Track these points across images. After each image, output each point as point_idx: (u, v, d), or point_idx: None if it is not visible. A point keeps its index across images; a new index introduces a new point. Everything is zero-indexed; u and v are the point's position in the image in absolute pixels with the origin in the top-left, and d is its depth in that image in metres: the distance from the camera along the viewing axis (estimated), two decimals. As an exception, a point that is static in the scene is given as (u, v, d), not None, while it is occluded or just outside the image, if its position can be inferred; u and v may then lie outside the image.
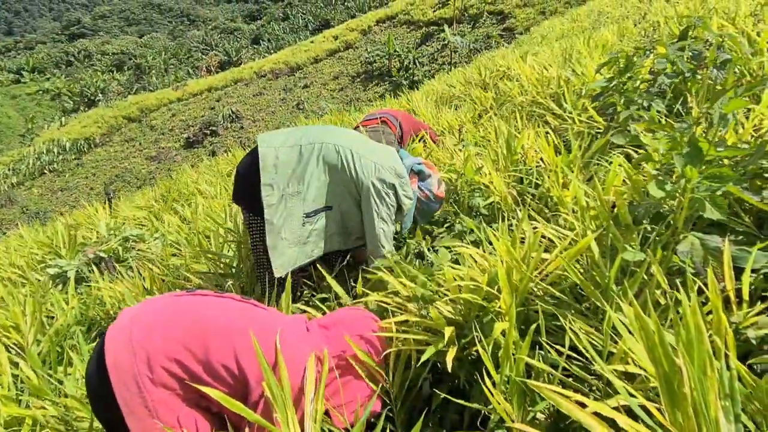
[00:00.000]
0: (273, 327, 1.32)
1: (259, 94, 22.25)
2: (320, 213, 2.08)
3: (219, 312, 1.32)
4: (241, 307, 1.38)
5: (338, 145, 2.04)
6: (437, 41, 20.51)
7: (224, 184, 5.47)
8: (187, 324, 1.25)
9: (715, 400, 0.84)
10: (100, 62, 49.81)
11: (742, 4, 3.48)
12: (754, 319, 1.16)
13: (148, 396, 1.17)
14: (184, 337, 1.22)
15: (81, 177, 18.72)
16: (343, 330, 1.48)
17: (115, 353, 1.19)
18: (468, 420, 1.49)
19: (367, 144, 2.15)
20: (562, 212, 1.85)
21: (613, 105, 2.55)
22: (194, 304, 1.34)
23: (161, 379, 1.18)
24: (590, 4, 11.54)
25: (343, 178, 2.04)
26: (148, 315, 1.28)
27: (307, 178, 2.03)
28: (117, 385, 1.16)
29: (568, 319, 1.30)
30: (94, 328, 2.55)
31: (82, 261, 3.37)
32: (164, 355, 1.20)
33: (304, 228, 2.06)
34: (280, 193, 2.02)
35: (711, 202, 1.21)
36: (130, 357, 1.18)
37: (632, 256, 1.32)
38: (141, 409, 1.16)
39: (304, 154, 2.04)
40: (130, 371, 1.17)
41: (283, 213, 2.03)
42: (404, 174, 2.13)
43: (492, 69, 5.35)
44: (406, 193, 2.12)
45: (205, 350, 1.22)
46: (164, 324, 1.25)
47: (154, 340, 1.21)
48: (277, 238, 2.03)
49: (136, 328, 1.22)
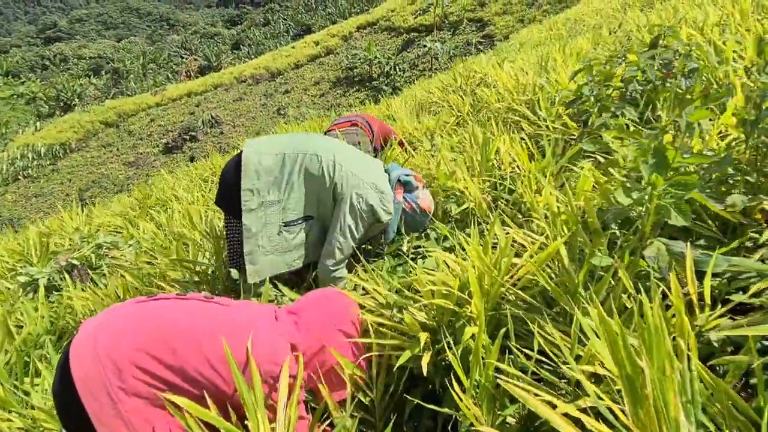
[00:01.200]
0: (242, 325, 1.32)
1: (240, 100, 22.11)
2: (301, 224, 2.08)
3: (183, 315, 1.30)
4: (205, 307, 1.36)
5: (321, 156, 2.04)
6: (418, 48, 20.63)
7: (202, 189, 5.42)
8: (150, 330, 1.23)
9: (675, 399, 0.86)
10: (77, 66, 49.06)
11: (711, 14, 3.57)
12: (716, 322, 1.19)
13: (121, 407, 1.14)
14: (150, 343, 1.20)
15: (56, 183, 18.36)
16: (315, 315, 1.48)
17: (81, 365, 1.16)
18: (441, 425, 1.50)
19: (351, 155, 2.15)
20: (535, 218, 1.88)
21: (586, 112, 2.60)
22: (158, 309, 1.32)
23: (134, 388, 1.16)
24: (567, 13, 11.73)
25: (324, 189, 2.04)
26: (112, 323, 1.25)
27: (288, 186, 2.04)
28: (86, 398, 1.13)
29: (537, 323, 1.32)
30: (65, 338, 2.50)
31: (53, 269, 3.30)
32: (133, 363, 1.17)
33: (281, 236, 2.05)
34: (260, 200, 2.02)
35: (676, 209, 1.24)
36: (99, 368, 1.15)
37: (600, 261, 1.35)
38: (114, 421, 1.14)
39: (287, 163, 2.04)
40: (100, 382, 1.14)
41: (261, 219, 2.02)
42: (386, 189, 2.12)
43: (469, 76, 5.40)
44: (386, 209, 2.11)
45: (173, 355, 1.20)
46: (130, 331, 1.23)
47: (122, 348, 1.18)
48: (254, 244, 2.03)
49: (102, 337, 1.20)
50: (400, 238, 2.20)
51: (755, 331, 1.02)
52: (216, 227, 2.70)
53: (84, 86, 35.15)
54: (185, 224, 3.56)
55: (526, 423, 1.26)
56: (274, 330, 1.37)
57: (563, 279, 1.40)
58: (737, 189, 1.53)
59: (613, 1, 8.88)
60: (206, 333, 1.25)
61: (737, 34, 2.84)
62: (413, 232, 2.28)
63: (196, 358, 1.21)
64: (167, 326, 1.25)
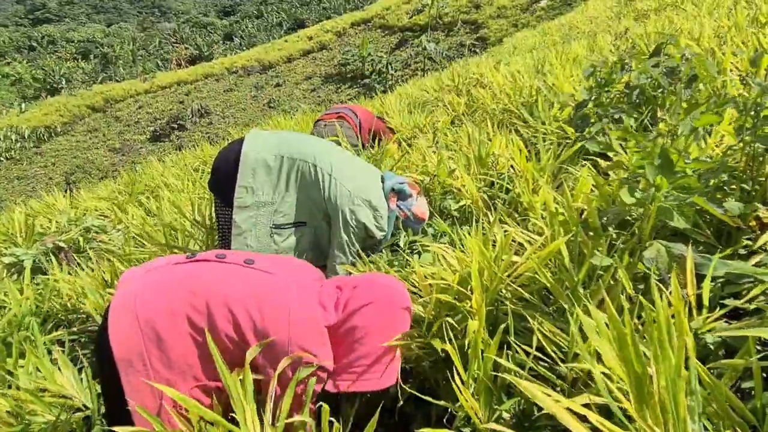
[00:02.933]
0: (280, 295, 1.29)
1: (230, 91, 21.91)
2: (292, 228, 2.07)
3: (220, 281, 1.30)
4: (246, 273, 1.35)
5: (318, 165, 2.03)
6: (411, 47, 20.62)
7: (192, 178, 5.36)
8: (186, 295, 1.25)
9: (685, 401, 0.87)
10: (65, 49, 48.17)
11: (706, 25, 3.62)
12: (713, 325, 1.21)
13: (153, 374, 1.19)
14: (188, 309, 1.23)
15: (39, 166, 18.03)
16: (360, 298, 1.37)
17: (119, 330, 1.20)
18: (435, 419, 1.50)
19: (348, 165, 2.13)
20: (532, 217, 1.89)
21: (586, 116, 2.62)
22: (196, 273, 1.33)
23: (169, 357, 1.21)
24: (561, 20, 11.81)
25: (318, 200, 2.04)
26: (152, 287, 1.28)
27: (282, 191, 2.03)
28: (121, 364, 1.19)
29: (537, 319, 1.33)
30: (49, 320, 2.46)
31: (39, 250, 3.24)
32: (173, 328, 1.21)
33: (271, 239, 2.04)
34: (254, 199, 2.02)
35: (678, 212, 1.26)
36: (138, 334, 1.20)
37: (600, 260, 1.36)
38: (143, 386, 1.19)
39: (284, 167, 2.03)
40: (137, 350, 1.19)
41: (252, 219, 2.02)
42: (380, 204, 2.10)
43: (466, 76, 5.42)
44: (379, 226, 2.11)
45: (209, 320, 1.22)
46: (167, 295, 1.25)
47: (161, 314, 1.22)
48: (242, 243, 2.03)
49: (141, 303, 1.23)
50: (398, 231, 2.19)
51: (755, 332, 1.04)
52: (206, 216, 2.68)
53: (72, 70, 34.56)
54: (175, 212, 3.52)
55: (522, 418, 1.27)
56: (314, 308, 1.32)
57: (562, 277, 1.41)
58: (733, 196, 1.56)
59: (608, 10, 8.98)
60: (241, 301, 1.25)
61: (734, 46, 2.88)
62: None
63: (227, 326, 1.23)
64: (205, 294, 1.25)
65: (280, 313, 1.23)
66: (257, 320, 1.21)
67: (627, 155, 1.76)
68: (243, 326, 1.21)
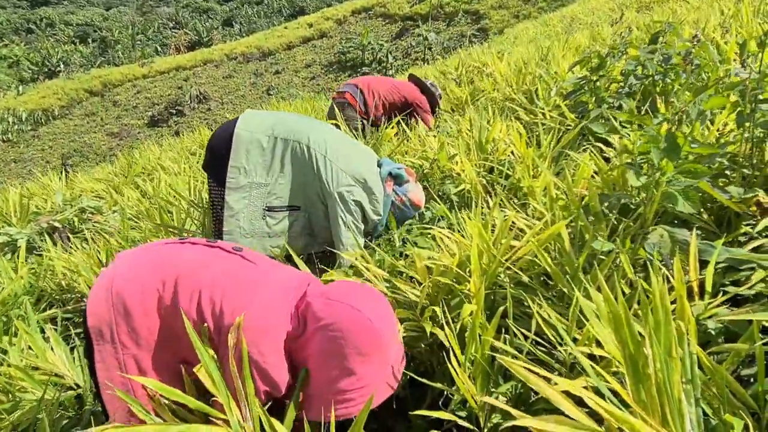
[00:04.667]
0: (246, 285, 1.23)
1: (229, 77, 21.76)
2: (285, 211, 2.04)
3: (198, 264, 1.27)
4: (230, 259, 1.31)
5: (312, 147, 1.99)
6: (412, 36, 20.49)
7: (189, 162, 5.33)
8: (164, 276, 1.23)
9: (679, 381, 0.85)
10: (63, 32, 47.73)
11: (711, 16, 3.59)
12: (715, 311, 1.19)
13: (120, 348, 1.18)
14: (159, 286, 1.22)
15: (37, 149, 17.93)
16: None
17: (94, 302, 1.20)
18: (430, 402, 1.49)
19: (344, 147, 2.09)
20: (532, 202, 1.87)
21: (584, 104, 2.60)
22: (176, 255, 1.31)
23: (138, 332, 1.19)
24: (563, 11, 11.75)
25: (312, 182, 2.00)
26: (132, 265, 1.27)
27: (275, 172, 2.00)
28: (94, 333, 1.19)
29: (536, 303, 1.31)
30: (43, 299, 2.44)
31: (34, 230, 3.21)
32: (142, 305, 1.20)
33: (263, 221, 2.01)
34: (247, 180, 1.98)
35: (683, 196, 1.24)
36: (109, 307, 1.19)
37: (601, 245, 1.34)
38: (111, 360, 1.19)
39: (278, 148, 1.99)
40: (107, 322, 1.18)
41: (245, 200, 1.99)
42: (376, 188, 2.06)
43: (469, 64, 5.38)
44: (375, 209, 2.07)
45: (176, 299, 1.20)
46: (145, 274, 1.24)
47: (131, 289, 1.20)
48: (235, 225, 2.00)
49: (116, 276, 1.22)
50: (390, 233, 2.16)
51: (758, 316, 1.02)
52: (204, 198, 2.65)
53: (69, 53, 34.26)
54: (172, 193, 3.50)
55: (519, 401, 1.26)
56: (282, 308, 1.22)
57: (563, 261, 1.39)
58: (735, 182, 1.54)
59: (610, 1, 8.92)
60: (209, 285, 1.21)
61: (738, 36, 2.85)
62: (398, 227, 2.20)
63: (191, 307, 1.20)
64: (177, 273, 1.23)
65: (237, 306, 1.18)
66: (216, 305, 1.18)
67: (629, 140, 1.74)
68: (204, 309, 1.18)
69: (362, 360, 1.13)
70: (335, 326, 1.14)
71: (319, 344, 1.16)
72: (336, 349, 1.13)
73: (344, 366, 1.13)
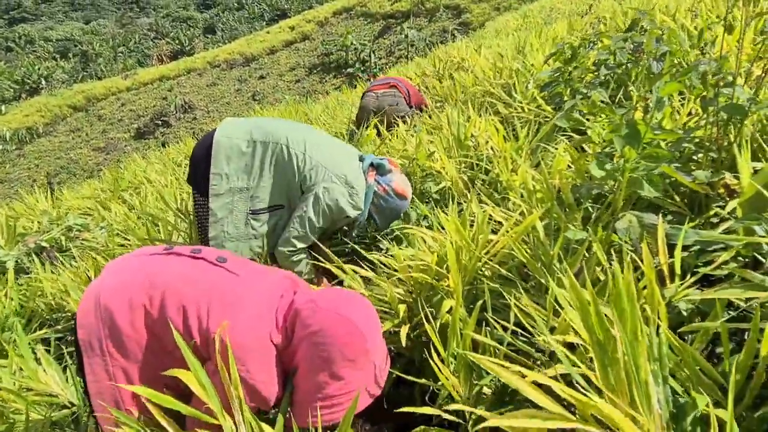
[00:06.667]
0: (229, 302, 1.23)
1: (213, 85, 21.72)
2: (269, 213, 2.06)
3: (180, 278, 1.29)
4: (215, 272, 1.32)
5: (292, 147, 2.00)
6: (394, 34, 20.53)
7: (175, 173, 5.32)
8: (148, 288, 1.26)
9: (645, 363, 0.88)
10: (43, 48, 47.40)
11: (682, 1, 3.64)
12: (686, 292, 1.22)
13: (109, 360, 1.21)
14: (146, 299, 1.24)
15: (23, 168, 17.81)
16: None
17: (83, 313, 1.23)
18: (419, 397, 1.51)
19: (324, 144, 2.09)
20: (511, 196, 1.90)
21: (560, 95, 2.63)
22: (162, 266, 1.33)
23: (124, 344, 1.21)
24: (542, 1, 11.79)
25: (293, 181, 2.02)
26: (119, 276, 1.30)
27: (256, 175, 2.01)
28: (84, 345, 1.22)
29: (513, 295, 1.34)
30: (34, 320, 2.45)
31: (22, 251, 3.22)
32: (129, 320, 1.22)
33: (248, 225, 2.03)
34: (228, 186, 2.00)
35: (648, 181, 1.27)
36: (97, 319, 1.21)
37: (574, 234, 1.37)
38: (100, 371, 1.21)
39: (258, 151, 2.01)
40: (96, 334, 1.21)
41: (228, 206, 2.01)
42: (357, 182, 2.05)
43: (447, 60, 5.41)
44: (354, 204, 2.04)
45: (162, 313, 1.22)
46: (131, 286, 1.26)
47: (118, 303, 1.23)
48: (220, 230, 2.02)
49: (103, 289, 1.25)
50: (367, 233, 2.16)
51: (721, 295, 1.05)
52: (191, 206, 2.66)
53: (51, 69, 33.98)
54: (159, 206, 3.50)
55: (502, 392, 1.29)
56: (268, 322, 1.23)
57: (539, 252, 1.42)
58: (704, 166, 1.57)
59: (588, -11, 8.96)
60: (194, 299, 1.23)
61: (708, 20, 2.89)
62: (385, 220, 2.17)
63: (178, 320, 1.22)
64: (164, 287, 1.25)
65: (221, 320, 1.20)
66: (203, 321, 1.20)
67: (598, 130, 1.77)
68: (191, 323, 1.20)
69: (350, 365, 1.16)
70: (322, 332, 1.16)
71: (308, 351, 1.18)
72: (324, 356, 1.16)
73: (332, 372, 1.16)
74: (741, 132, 1.49)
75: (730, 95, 1.47)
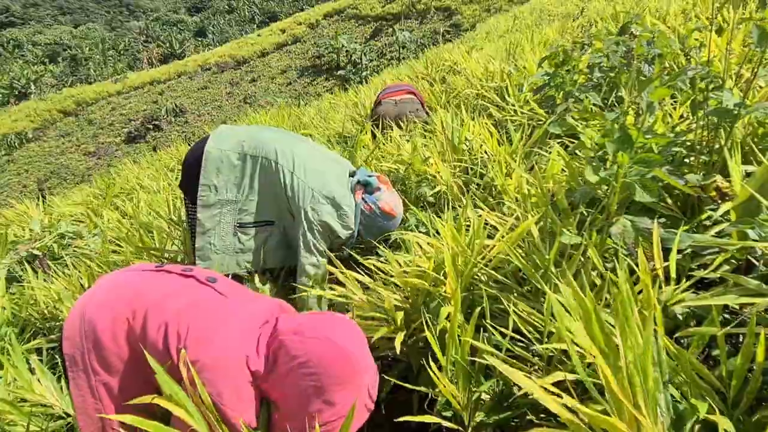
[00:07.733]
0: (212, 326, 1.22)
1: (204, 88, 21.65)
2: (258, 227, 2.04)
3: (166, 296, 1.28)
4: (203, 292, 1.32)
5: (279, 162, 1.97)
6: (386, 36, 20.57)
7: (168, 178, 5.30)
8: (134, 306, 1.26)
9: (652, 372, 0.89)
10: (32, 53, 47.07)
11: (673, 3, 3.66)
12: (681, 296, 1.23)
13: (93, 376, 1.21)
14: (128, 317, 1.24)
15: (12, 174, 17.67)
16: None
17: (69, 326, 1.24)
18: (417, 404, 1.52)
19: (313, 159, 2.06)
20: (506, 200, 1.91)
21: (553, 98, 2.65)
22: (147, 286, 1.32)
23: (107, 360, 1.22)
24: (532, 2, 11.85)
25: (281, 199, 2.00)
26: (104, 291, 1.30)
27: (245, 189, 2.00)
28: (68, 357, 1.22)
29: (511, 301, 1.34)
30: (27, 330, 2.43)
31: (14, 259, 3.19)
32: (111, 334, 1.22)
33: (235, 238, 2.02)
34: (217, 197, 1.99)
35: (641, 186, 1.28)
36: (81, 334, 1.22)
37: (569, 239, 1.38)
38: (84, 387, 1.21)
39: (248, 165, 1.99)
40: (79, 348, 1.22)
41: (216, 218, 2.00)
42: (345, 202, 2.02)
43: (439, 63, 5.42)
44: (345, 224, 2.02)
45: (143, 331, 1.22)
46: (115, 302, 1.26)
47: (103, 318, 1.23)
48: (206, 241, 2.00)
49: (89, 304, 1.25)
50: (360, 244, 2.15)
51: (717, 300, 1.06)
52: (183, 216, 2.65)
53: (40, 73, 33.73)
54: (152, 213, 3.49)
55: (500, 399, 1.29)
56: (246, 345, 1.21)
57: (534, 258, 1.43)
58: (696, 169, 1.59)
59: (578, -9, 9.01)
60: (176, 318, 1.22)
61: (698, 22, 2.92)
62: (372, 236, 2.14)
63: (158, 338, 1.22)
64: (148, 304, 1.26)
65: (198, 340, 1.18)
66: (181, 338, 1.18)
67: (591, 134, 1.78)
68: (170, 342, 1.18)
69: (341, 388, 1.15)
70: (311, 362, 1.15)
71: (298, 382, 1.16)
72: (317, 384, 1.14)
73: (326, 399, 1.14)
74: (731, 135, 1.51)
75: (719, 99, 1.48)
